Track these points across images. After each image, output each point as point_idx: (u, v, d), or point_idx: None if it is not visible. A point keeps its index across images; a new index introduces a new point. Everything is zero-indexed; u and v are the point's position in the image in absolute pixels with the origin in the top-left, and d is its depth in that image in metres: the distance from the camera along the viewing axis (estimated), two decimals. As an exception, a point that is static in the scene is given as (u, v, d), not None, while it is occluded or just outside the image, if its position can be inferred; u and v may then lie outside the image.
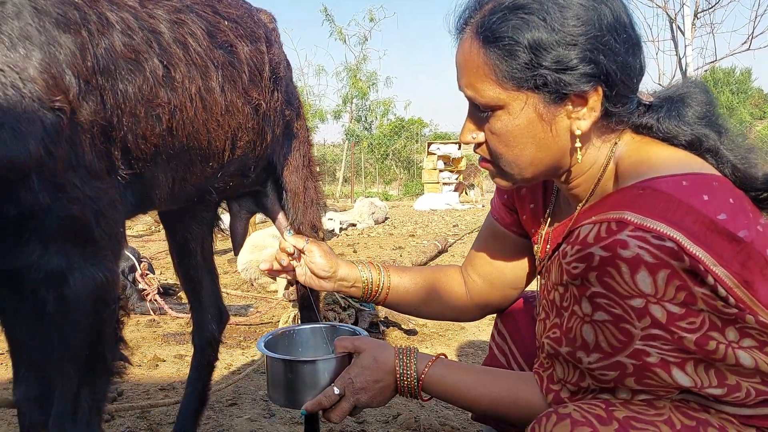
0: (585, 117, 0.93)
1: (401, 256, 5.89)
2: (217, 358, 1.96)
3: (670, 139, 0.97)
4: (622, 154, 0.98)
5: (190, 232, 1.79)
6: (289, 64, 1.83)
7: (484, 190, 16.41)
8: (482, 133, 0.99)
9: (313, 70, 22.24)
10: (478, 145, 1.01)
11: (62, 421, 1.13)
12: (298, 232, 1.73)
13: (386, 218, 9.81)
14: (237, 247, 1.99)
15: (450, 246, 6.49)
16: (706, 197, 0.85)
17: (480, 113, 0.98)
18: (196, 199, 1.56)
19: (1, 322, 1.31)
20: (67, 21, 1.08)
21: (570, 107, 0.93)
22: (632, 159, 0.96)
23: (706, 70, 10.99)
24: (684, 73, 9.48)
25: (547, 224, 1.15)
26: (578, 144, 0.95)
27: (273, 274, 1.34)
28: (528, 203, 1.22)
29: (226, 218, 1.98)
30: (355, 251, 6.49)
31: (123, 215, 1.24)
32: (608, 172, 0.99)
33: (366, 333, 1.25)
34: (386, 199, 16.07)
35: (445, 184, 15.54)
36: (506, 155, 0.98)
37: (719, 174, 0.93)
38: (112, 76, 1.15)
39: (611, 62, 0.90)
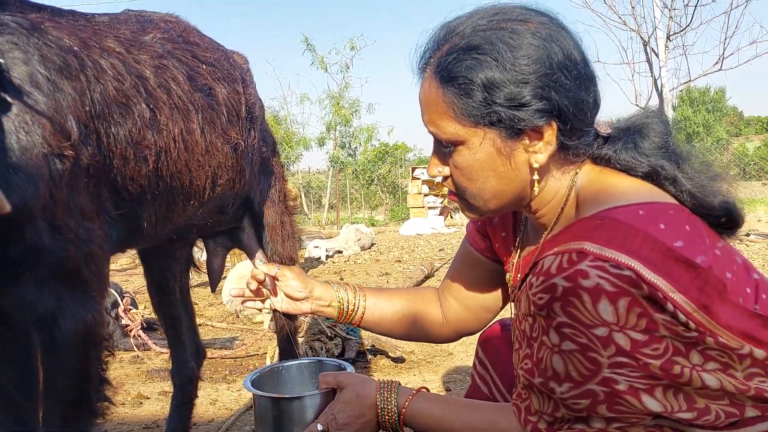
0: (541, 150, 0.96)
1: (388, 282, 5.89)
2: (196, 395, 1.96)
3: (627, 169, 1.01)
4: (582, 184, 1.01)
5: (168, 270, 1.80)
6: (262, 105, 1.88)
7: (470, 213, 16.47)
8: (447, 168, 1.02)
9: (296, 99, 22.37)
10: (444, 179, 1.05)
11: (45, 464, 1.13)
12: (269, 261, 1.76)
13: (372, 244, 9.80)
14: (214, 283, 1.99)
15: (436, 270, 6.49)
16: (662, 225, 0.88)
17: (443, 148, 1.01)
18: (176, 237, 1.58)
19: None
20: (69, 68, 1.13)
21: (527, 141, 0.96)
22: (592, 188, 0.99)
23: (681, 90, 11.25)
24: (660, 93, 9.71)
25: (518, 253, 1.18)
26: (536, 176, 0.98)
27: (244, 300, 1.34)
28: (500, 231, 1.24)
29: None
30: (341, 278, 6.47)
31: (109, 256, 1.27)
32: (570, 201, 1.02)
33: (352, 367, 1.25)
34: (372, 225, 16.08)
35: (430, 208, 15.60)
36: (470, 188, 1.01)
37: (676, 202, 0.96)
38: (106, 119, 1.19)
39: (563, 98, 0.93)
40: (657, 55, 9.60)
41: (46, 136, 1.05)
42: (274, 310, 1.34)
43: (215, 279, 1.89)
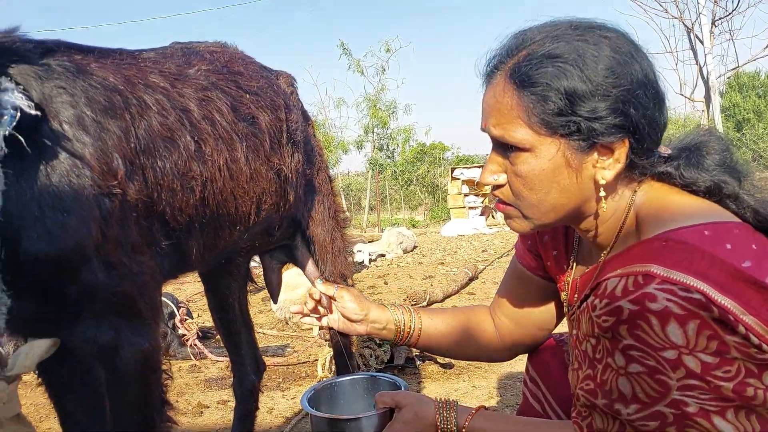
0: (610, 167, 0.95)
1: (432, 285, 5.90)
2: (258, 407, 2.02)
3: (689, 186, 0.99)
4: (642, 203, 1.00)
5: (228, 288, 1.87)
6: (308, 120, 1.90)
7: (511, 211, 16.28)
8: (504, 176, 1.01)
9: (333, 104, 22.50)
10: (496, 187, 1.03)
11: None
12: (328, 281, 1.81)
13: (414, 246, 9.82)
14: (274, 295, 2.07)
15: (480, 272, 6.46)
16: (729, 246, 0.86)
17: (506, 153, 1.00)
18: (224, 260, 1.64)
19: (51, 395, 1.38)
20: (113, 107, 1.17)
21: (596, 156, 0.95)
22: (653, 208, 0.98)
23: (729, 77, 10.85)
24: (706, 81, 9.40)
25: (573, 272, 1.17)
26: (603, 193, 0.97)
27: (303, 317, 1.38)
28: (551, 250, 1.23)
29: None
30: (386, 282, 6.52)
31: (161, 284, 1.32)
32: (629, 220, 1.00)
33: (406, 384, 1.28)
34: (413, 226, 16.08)
35: (471, 208, 15.50)
36: (529, 198, 0.99)
37: (739, 220, 0.94)
38: (151, 154, 1.23)
39: (640, 116, 0.93)
40: (702, 42, 9.28)
41: (95, 177, 1.08)
42: (330, 328, 1.39)
43: (274, 291, 1.96)
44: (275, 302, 2.12)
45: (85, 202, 1.07)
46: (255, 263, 2.12)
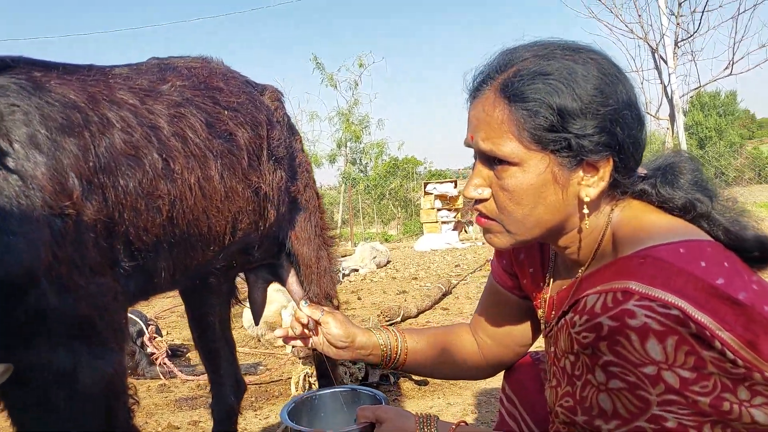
0: (594, 185, 0.98)
1: (406, 300, 5.89)
2: (236, 429, 1.97)
3: (665, 203, 1.02)
4: (619, 221, 1.01)
5: (209, 305, 1.82)
6: (295, 135, 1.86)
7: (483, 226, 16.41)
8: (488, 190, 1.02)
9: (306, 117, 22.51)
10: (479, 201, 1.03)
11: None
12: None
13: (388, 261, 9.81)
14: (256, 316, 2.02)
15: (454, 287, 6.48)
16: (703, 263, 0.88)
17: (492, 167, 1.00)
18: (198, 281, 1.59)
19: (13, 421, 1.32)
20: (71, 124, 1.12)
21: (581, 174, 0.97)
22: (630, 226, 1.00)
23: (691, 96, 11.19)
24: (670, 100, 9.66)
25: (549, 288, 1.17)
26: (586, 210, 0.99)
27: (287, 341, 1.35)
28: (527, 267, 1.24)
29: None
30: (359, 298, 6.48)
31: (125, 306, 1.26)
32: (607, 237, 1.02)
33: (386, 397, 1.28)
34: (386, 240, 16.08)
35: (443, 222, 15.59)
36: (514, 213, 1.00)
37: (711, 239, 0.96)
38: (113, 173, 1.18)
39: (625, 135, 0.96)
40: (666, 62, 9.57)
41: (46, 197, 1.04)
42: (314, 349, 1.36)
43: (257, 311, 1.92)
44: (257, 323, 2.08)
45: (34, 224, 1.02)
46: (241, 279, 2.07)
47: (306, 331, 1.32)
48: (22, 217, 1.01)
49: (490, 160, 1.00)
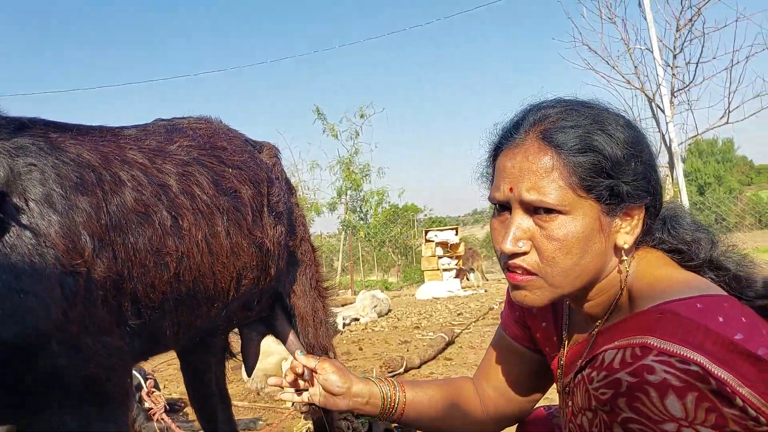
0: (631, 232, 0.99)
1: (408, 350, 5.79)
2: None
3: (676, 250, 1.04)
4: (635, 274, 1.01)
5: (204, 362, 1.79)
6: (291, 190, 1.90)
7: (485, 273, 16.37)
8: (529, 242, 0.98)
9: (307, 166, 22.75)
10: (514, 256, 0.99)
11: None
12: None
13: (389, 310, 9.71)
14: (249, 369, 1.98)
15: (457, 336, 6.38)
16: (721, 319, 0.87)
17: (535, 217, 0.97)
18: (200, 338, 1.57)
19: None
20: (84, 183, 1.14)
21: (619, 222, 0.98)
22: (646, 280, 0.99)
23: (689, 144, 11.32)
24: (669, 148, 9.78)
25: (565, 344, 1.16)
26: (624, 257, 0.99)
27: (282, 390, 1.33)
28: (540, 322, 1.23)
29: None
30: (360, 348, 6.37)
31: (131, 366, 1.26)
32: (625, 291, 1.01)
33: None
34: (387, 288, 15.97)
35: (445, 270, 15.53)
36: (563, 263, 0.97)
37: (726, 293, 0.96)
38: (123, 230, 1.20)
39: (655, 181, 0.99)
40: (663, 111, 9.74)
41: (59, 255, 1.05)
42: (311, 404, 1.32)
43: (250, 365, 1.89)
44: (249, 375, 2.03)
45: (46, 282, 1.02)
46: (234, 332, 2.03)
47: (300, 382, 1.29)
48: (35, 275, 1.02)
49: (530, 211, 0.98)
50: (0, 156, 1.03)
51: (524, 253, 0.99)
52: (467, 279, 15.21)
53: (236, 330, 1.95)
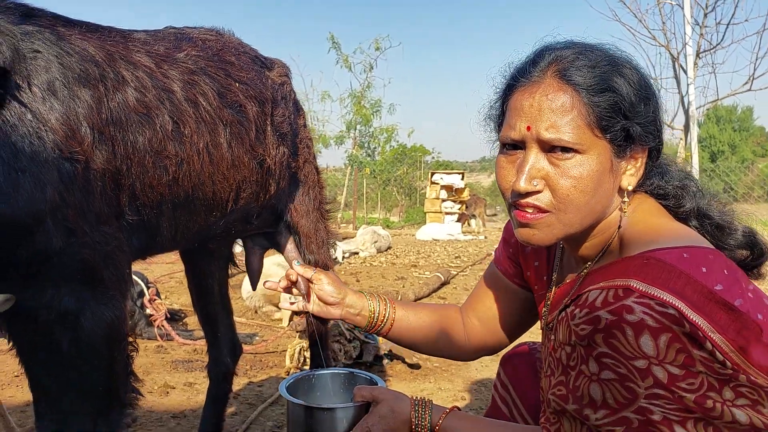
0: (635, 174, 1.02)
1: (404, 286, 5.93)
2: (231, 390, 2.02)
3: (669, 193, 1.08)
4: (629, 221, 1.04)
5: (209, 269, 1.86)
6: (299, 111, 1.90)
7: (486, 220, 16.47)
8: (543, 181, 0.99)
9: (318, 96, 22.40)
10: (528, 194, 1.00)
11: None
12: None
13: (389, 247, 9.85)
14: (253, 281, 2.06)
15: (453, 278, 6.52)
16: (704, 269, 0.91)
17: (551, 156, 0.98)
18: (200, 243, 1.63)
19: (21, 360, 1.36)
20: (87, 76, 1.17)
21: (624, 163, 1.01)
22: (638, 227, 1.03)
23: (708, 108, 11.11)
24: (687, 110, 9.63)
25: (553, 283, 1.20)
26: (626, 199, 1.03)
27: (273, 288, 1.38)
28: (532, 260, 1.27)
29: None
30: (357, 280, 6.53)
31: (129, 258, 1.30)
32: (617, 235, 1.05)
33: (383, 382, 1.30)
34: (388, 226, 16.12)
35: (447, 213, 15.60)
36: (577, 201, 0.98)
37: (713, 247, 1.00)
38: (123, 127, 1.22)
39: (660, 125, 1.01)
40: (685, 72, 9.51)
41: (58, 140, 1.08)
42: (306, 312, 1.39)
43: (254, 277, 1.96)
44: (254, 288, 2.11)
45: (43, 164, 1.05)
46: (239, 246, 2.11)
47: (294, 290, 1.35)
48: (33, 156, 1.05)
49: (545, 150, 0.99)
50: (7, 37, 1.05)
51: (537, 192, 0.99)
52: (468, 224, 15.31)
53: (241, 243, 2.02)
